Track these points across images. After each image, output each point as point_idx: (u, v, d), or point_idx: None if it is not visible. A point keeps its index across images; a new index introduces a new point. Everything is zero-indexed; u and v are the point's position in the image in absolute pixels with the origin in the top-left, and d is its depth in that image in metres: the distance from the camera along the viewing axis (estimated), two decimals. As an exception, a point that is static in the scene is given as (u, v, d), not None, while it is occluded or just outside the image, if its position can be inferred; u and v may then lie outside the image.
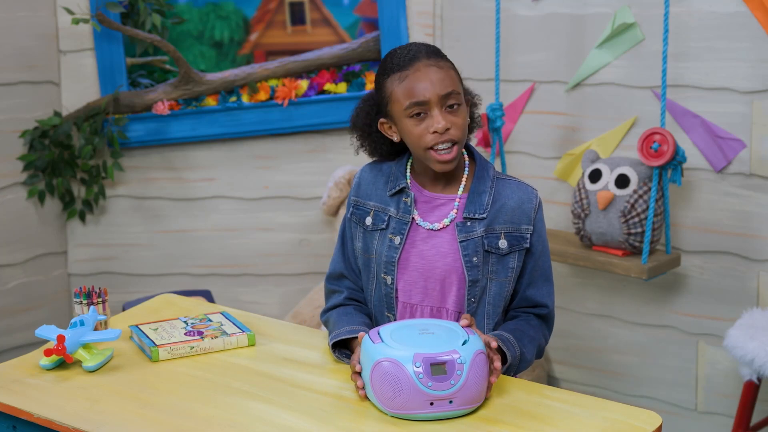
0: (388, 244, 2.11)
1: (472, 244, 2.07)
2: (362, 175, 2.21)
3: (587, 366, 3.51)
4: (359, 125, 2.19)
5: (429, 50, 2.07)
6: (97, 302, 2.27)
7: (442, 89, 2.03)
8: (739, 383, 3.08)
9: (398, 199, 2.13)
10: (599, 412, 1.86)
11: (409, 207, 2.11)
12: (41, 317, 3.66)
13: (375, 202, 2.15)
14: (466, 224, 2.08)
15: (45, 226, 3.69)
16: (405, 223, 2.11)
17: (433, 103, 2.02)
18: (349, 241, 2.21)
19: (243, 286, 3.81)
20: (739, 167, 3.06)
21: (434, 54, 2.07)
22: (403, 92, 2.04)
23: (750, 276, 3.09)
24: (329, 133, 3.70)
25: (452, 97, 2.03)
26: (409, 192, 2.12)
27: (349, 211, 2.20)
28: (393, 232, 2.11)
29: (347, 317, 2.14)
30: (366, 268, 2.17)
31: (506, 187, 2.12)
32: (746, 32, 2.99)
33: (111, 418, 1.85)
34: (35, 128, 3.57)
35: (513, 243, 2.09)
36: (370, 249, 2.15)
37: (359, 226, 2.17)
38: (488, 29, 3.44)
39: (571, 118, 3.40)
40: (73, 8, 3.53)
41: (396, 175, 2.15)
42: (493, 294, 2.10)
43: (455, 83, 2.06)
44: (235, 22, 3.75)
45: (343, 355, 2.08)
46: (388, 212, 2.13)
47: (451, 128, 2.03)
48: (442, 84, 2.03)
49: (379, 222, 2.14)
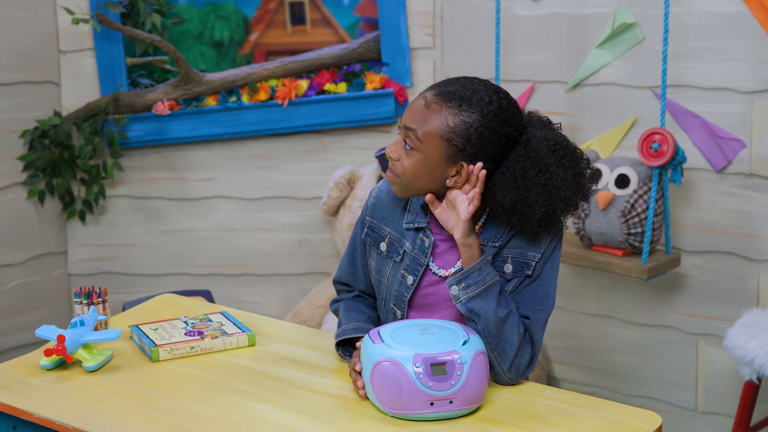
0: (401, 279, 2.06)
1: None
2: (379, 195, 2.14)
3: (587, 366, 3.51)
4: None
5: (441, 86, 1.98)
6: (97, 302, 2.27)
7: (407, 120, 1.97)
8: (739, 383, 3.08)
9: (415, 236, 2.06)
10: (599, 412, 1.86)
11: (426, 249, 2.04)
12: (41, 317, 3.66)
13: (391, 230, 2.09)
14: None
15: (45, 226, 3.69)
16: (420, 265, 2.05)
17: (403, 129, 1.98)
18: (361, 257, 2.16)
19: (243, 286, 3.81)
20: (739, 167, 3.06)
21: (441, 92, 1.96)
22: None
23: (750, 276, 3.09)
24: (329, 133, 3.70)
25: (410, 134, 1.96)
26: (429, 233, 2.04)
27: (363, 231, 2.14)
28: (407, 269, 2.06)
29: (354, 312, 2.12)
30: (377, 289, 2.14)
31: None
32: (746, 32, 2.99)
33: (111, 418, 1.85)
34: (35, 128, 3.57)
35: (517, 269, 2.02)
36: (383, 273, 2.11)
37: (374, 248, 2.12)
38: (488, 29, 3.44)
39: (571, 118, 3.40)
40: (73, 8, 3.53)
41: (416, 209, 2.07)
42: None
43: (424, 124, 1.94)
44: (235, 22, 3.75)
45: (347, 353, 2.07)
46: (403, 245, 2.07)
47: (398, 161, 1.98)
48: (411, 116, 1.96)
49: (393, 253, 2.08)
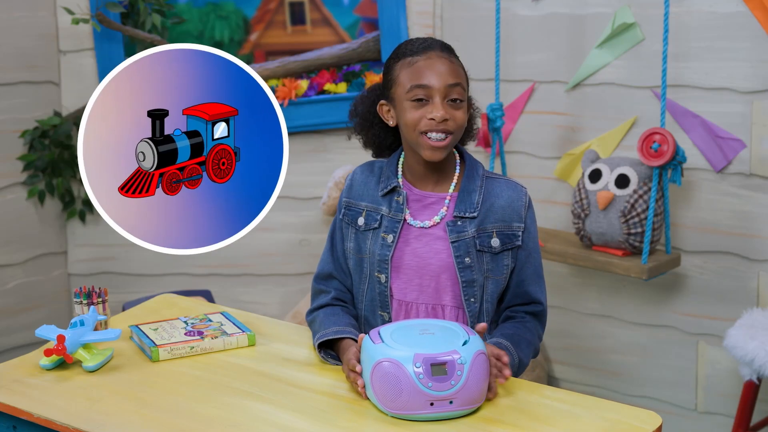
0: (381, 242, 2.12)
1: (463, 244, 2.08)
2: (354, 177, 2.23)
3: (587, 366, 3.51)
4: (360, 111, 2.21)
5: (444, 45, 2.11)
6: (97, 302, 2.27)
7: (449, 79, 2.05)
8: (739, 383, 3.08)
9: (390, 199, 2.14)
10: (599, 412, 1.86)
11: (401, 206, 2.12)
12: (41, 317, 3.65)
13: (367, 203, 2.17)
14: (456, 223, 2.09)
15: (45, 226, 3.69)
16: (398, 222, 2.12)
17: (436, 91, 2.04)
18: (340, 242, 2.22)
19: (243, 286, 3.81)
20: (739, 167, 3.06)
21: (448, 49, 2.11)
22: (409, 75, 2.06)
23: (750, 276, 3.09)
24: (329, 133, 3.70)
25: (456, 91, 2.06)
26: (401, 191, 2.13)
27: (340, 213, 2.21)
28: (386, 230, 2.13)
29: (334, 317, 2.14)
30: (358, 268, 2.18)
31: (496, 185, 2.13)
32: (746, 32, 2.99)
33: (111, 418, 1.85)
34: (35, 128, 3.57)
35: (505, 241, 2.10)
36: (362, 249, 2.16)
37: (351, 226, 2.18)
38: (488, 29, 3.44)
39: (571, 118, 3.40)
40: (73, 8, 3.53)
41: (387, 174, 2.16)
42: (489, 292, 2.12)
43: (462, 79, 2.08)
44: (235, 22, 3.74)
45: (329, 356, 2.08)
46: (380, 211, 2.14)
47: (449, 120, 2.04)
48: (450, 75, 2.05)
49: (371, 221, 2.15)
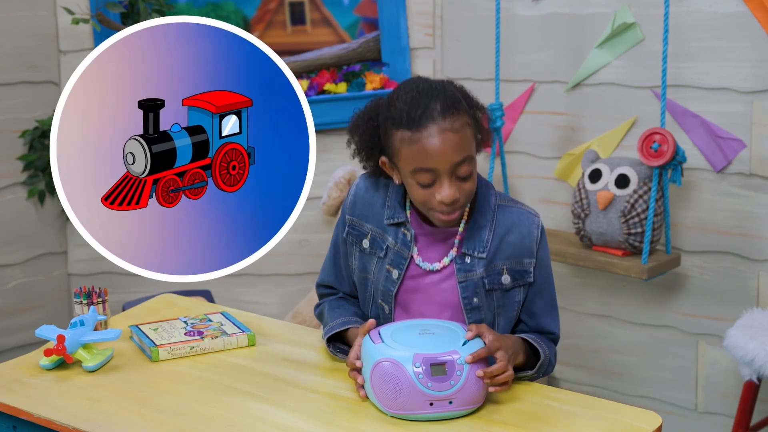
0: (386, 274, 2.05)
1: (471, 284, 2.01)
2: (357, 193, 2.11)
3: (587, 366, 3.51)
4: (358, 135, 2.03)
5: (444, 106, 1.88)
6: (97, 302, 2.27)
7: (455, 157, 1.88)
8: (739, 383, 3.08)
9: (397, 231, 2.04)
10: (599, 412, 1.86)
11: (408, 243, 2.02)
12: (41, 317, 3.65)
13: (372, 226, 2.07)
14: (465, 260, 2.01)
15: (45, 226, 3.69)
16: (404, 258, 2.03)
17: (443, 172, 1.88)
18: (344, 257, 2.14)
19: (243, 286, 3.81)
20: (739, 167, 3.06)
21: (449, 110, 1.88)
22: (411, 155, 1.89)
23: (750, 276, 3.09)
24: (329, 133, 3.70)
25: (464, 166, 1.89)
26: (409, 227, 2.03)
27: (344, 230, 2.12)
28: (391, 263, 2.04)
29: (339, 309, 2.11)
30: (363, 287, 2.12)
31: (507, 216, 2.02)
32: (746, 32, 2.98)
33: (111, 418, 1.85)
34: (35, 128, 3.57)
35: (516, 277, 2.01)
36: (367, 270, 2.09)
37: (356, 246, 2.10)
38: (488, 29, 3.44)
39: (571, 118, 3.40)
40: (73, 8, 3.53)
41: (394, 204, 2.04)
42: (501, 328, 2.05)
43: (469, 146, 1.91)
44: (235, 22, 3.74)
45: (338, 349, 2.06)
46: (386, 240, 2.05)
47: (460, 197, 1.91)
48: (455, 152, 1.87)
49: (377, 248, 2.06)
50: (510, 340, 1.94)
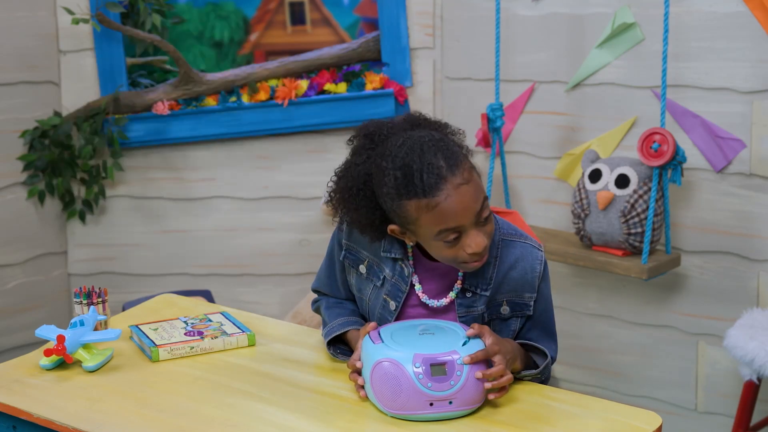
0: (383, 303, 2.03)
1: (470, 319, 1.99)
2: None
3: (587, 366, 3.51)
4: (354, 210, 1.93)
5: (446, 159, 1.82)
6: (97, 302, 2.27)
7: (476, 205, 1.83)
8: (739, 383, 3.08)
9: (394, 264, 2.00)
10: (599, 412, 1.86)
11: (406, 278, 1.99)
12: (41, 317, 3.65)
13: (369, 254, 2.03)
14: (466, 296, 1.99)
15: (45, 226, 3.69)
16: (402, 292, 2.00)
17: (468, 225, 1.84)
18: (340, 272, 2.11)
19: (243, 286, 3.81)
20: (739, 167, 3.06)
21: (453, 161, 1.83)
22: (433, 219, 1.83)
23: (750, 276, 3.09)
24: (329, 133, 3.70)
25: (485, 209, 1.86)
26: (407, 264, 1.99)
27: (341, 254, 2.07)
28: (388, 294, 2.02)
29: (339, 308, 2.11)
30: (360, 302, 2.11)
31: (511, 251, 1.98)
32: (746, 32, 2.98)
33: (111, 418, 1.85)
34: (35, 128, 3.57)
35: (515, 309, 2.00)
36: (364, 292, 2.07)
37: (353, 269, 2.07)
38: (488, 29, 3.44)
39: (571, 118, 3.40)
40: (73, 8, 3.53)
41: (391, 238, 1.97)
42: None
43: (481, 186, 1.86)
44: (235, 22, 3.75)
45: (338, 350, 2.07)
46: (383, 271, 2.02)
47: (487, 240, 1.88)
48: (474, 199, 1.83)
49: (374, 276, 2.03)
50: (510, 345, 1.94)
